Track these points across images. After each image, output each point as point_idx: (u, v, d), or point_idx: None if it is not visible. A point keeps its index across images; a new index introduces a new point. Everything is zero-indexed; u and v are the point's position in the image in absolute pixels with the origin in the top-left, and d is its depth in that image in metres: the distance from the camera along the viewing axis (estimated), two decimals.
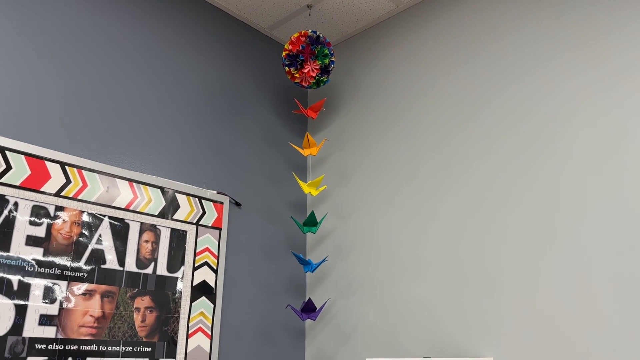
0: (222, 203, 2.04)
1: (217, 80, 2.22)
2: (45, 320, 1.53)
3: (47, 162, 1.62)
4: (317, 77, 2.17)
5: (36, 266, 1.54)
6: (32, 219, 1.56)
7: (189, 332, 1.83)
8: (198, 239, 1.93)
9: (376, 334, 2.03)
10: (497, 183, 1.84)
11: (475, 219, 1.86)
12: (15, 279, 1.49)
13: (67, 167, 1.66)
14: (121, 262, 1.72)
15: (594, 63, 1.72)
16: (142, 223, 1.79)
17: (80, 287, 1.61)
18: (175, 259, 1.85)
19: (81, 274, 1.62)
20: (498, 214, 1.81)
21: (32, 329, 1.50)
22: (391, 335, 1.98)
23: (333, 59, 2.18)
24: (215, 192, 2.05)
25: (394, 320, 1.99)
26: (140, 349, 1.70)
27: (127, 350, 1.67)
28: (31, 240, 1.55)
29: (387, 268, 2.07)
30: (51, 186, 1.62)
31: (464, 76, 2.05)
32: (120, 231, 1.74)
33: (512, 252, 1.75)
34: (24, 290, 1.50)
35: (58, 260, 1.59)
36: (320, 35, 2.12)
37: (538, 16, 1.89)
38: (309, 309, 1.93)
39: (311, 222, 2.00)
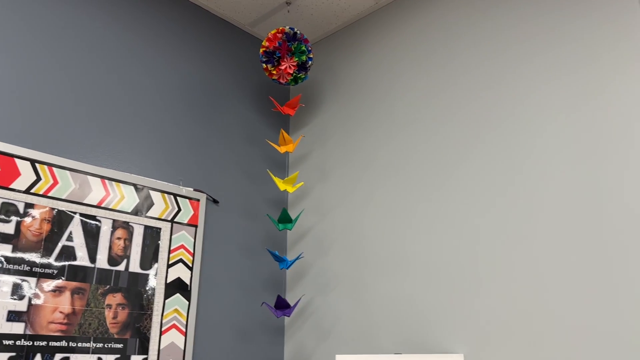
0: (198, 200, 2.04)
1: (197, 78, 2.22)
2: (13, 316, 1.54)
3: (16, 160, 1.63)
4: (294, 74, 2.17)
5: (4, 263, 1.55)
6: (1, 216, 1.57)
7: (163, 328, 1.83)
8: (173, 236, 1.93)
9: (353, 330, 2.02)
10: (473, 182, 1.83)
11: (450, 218, 1.85)
12: None
13: (37, 165, 1.67)
14: (92, 259, 1.72)
15: (577, 66, 1.71)
16: (114, 220, 1.80)
17: (50, 284, 1.62)
18: (149, 256, 1.85)
19: (51, 271, 1.63)
20: (471, 213, 1.80)
21: None
22: (367, 332, 1.98)
23: (310, 56, 2.17)
24: (192, 189, 2.05)
25: (370, 317, 1.98)
26: (111, 346, 1.70)
27: (97, 346, 1.68)
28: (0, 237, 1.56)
29: (364, 265, 2.07)
30: (21, 183, 1.62)
31: (444, 75, 2.04)
32: (91, 228, 1.74)
33: (485, 251, 1.74)
34: None
35: (27, 256, 1.59)
36: (298, 32, 2.11)
37: (519, 16, 1.88)
38: (282, 306, 1.93)
39: (285, 219, 2.00)
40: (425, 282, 1.86)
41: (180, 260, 1.93)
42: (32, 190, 1.64)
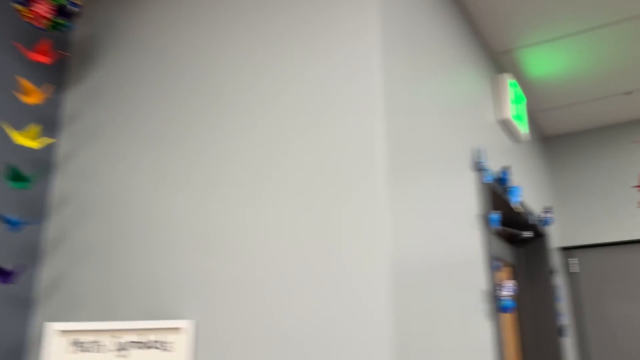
0: None
1: None
2: None
3: None
4: (54, 20, 1.96)
5: None
6: None
7: None
8: None
9: (102, 298, 1.89)
10: (217, 151, 1.77)
11: (192, 184, 1.78)
12: None
13: None
14: None
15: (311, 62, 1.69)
16: None
17: None
18: None
19: None
20: (211, 179, 1.74)
21: None
22: (114, 300, 1.86)
23: (74, 1, 1.97)
24: None
25: (118, 285, 1.86)
26: None
27: None
28: None
29: (120, 232, 1.93)
30: None
31: (209, 36, 1.95)
32: None
33: (219, 219, 1.68)
34: None
35: None
36: None
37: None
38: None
39: (19, 178, 1.80)
40: (166, 250, 1.77)
41: None
42: None
